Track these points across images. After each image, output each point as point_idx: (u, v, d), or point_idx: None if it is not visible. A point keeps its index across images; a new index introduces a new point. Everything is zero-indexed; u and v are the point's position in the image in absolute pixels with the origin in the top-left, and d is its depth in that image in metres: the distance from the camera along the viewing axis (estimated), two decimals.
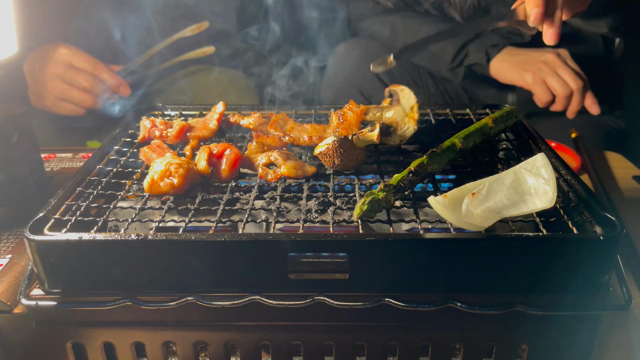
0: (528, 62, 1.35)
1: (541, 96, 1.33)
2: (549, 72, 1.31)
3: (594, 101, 1.31)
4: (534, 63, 1.33)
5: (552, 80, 1.30)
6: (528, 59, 1.35)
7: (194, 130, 0.83)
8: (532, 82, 1.32)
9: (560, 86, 1.29)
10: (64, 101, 1.29)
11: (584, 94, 1.30)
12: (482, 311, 0.57)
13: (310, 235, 0.57)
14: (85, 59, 1.27)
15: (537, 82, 1.32)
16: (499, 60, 1.39)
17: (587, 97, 1.31)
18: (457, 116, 0.92)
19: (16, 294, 0.62)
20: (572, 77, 1.29)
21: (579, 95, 1.30)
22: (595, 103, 1.31)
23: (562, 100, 1.31)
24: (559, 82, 1.30)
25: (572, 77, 1.29)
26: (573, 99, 1.31)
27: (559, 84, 1.30)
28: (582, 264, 0.56)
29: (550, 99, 1.32)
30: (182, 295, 0.58)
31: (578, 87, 1.29)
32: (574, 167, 1.12)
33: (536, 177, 0.60)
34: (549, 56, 1.33)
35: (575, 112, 1.33)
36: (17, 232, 0.75)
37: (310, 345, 0.62)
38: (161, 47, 1.32)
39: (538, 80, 1.32)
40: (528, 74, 1.33)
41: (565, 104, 1.32)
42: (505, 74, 1.38)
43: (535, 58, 1.34)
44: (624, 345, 0.71)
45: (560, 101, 1.31)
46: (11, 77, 0.73)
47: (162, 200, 0.68)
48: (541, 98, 1.33)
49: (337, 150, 0.69)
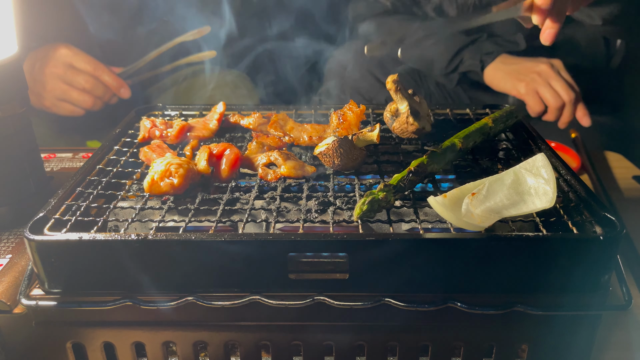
0: (522, 72, 1.35)
1: (533, 107, 1.33)
2: (541, 83, 1.31)
3: (585, 113, 1.31)
4: (528, 73, 1.34)
5: (545, 92, 1.31)
6: (522, 69, 1.36)
7: (194, 130, 0.83)
8: (524, 92, 1.33)
9: (552, 97, 1.30)
10: (63, 101, 1.29)
11: (575, 105, 1.31)
12: (482, 311, 0.57)
13: (311, 235, 0.57)
14: (86, 60, 1.27)
15: (530, 93, 1.32)
16: (493, 69, 1.39)
17: (579, 109, 1.31)
18: (457, 116, 0.92)
19: (16, 294, 0.62)
20: (564, 89, 1.30)
21: (570, 107, 1.30)
22: (587, 115, 1.31)
23: (554, 111, 1.31)
24: (551, 94, 1.30)
25: (564, 88, 1.30)
26: (565, 110, 1.31)
27: (552, 96, 1.30)
28: (582, 264, 0.56)
29: (543, 109, 1.33)
30: (182, 295, 0.58)
31: (570, 99, 1.29)
32: (574, 167, 1.12)
33: (536, 177, 0.60)
34: (542, 67, 1.33)
35: (567, 123, 1.33)
36: (17, 232, 0.75)
37: (310, 345, 0.62)
38: (162, 50, 1.33)
39: (531, 91, 1.32)
40: (521, 84, 1.33)
41: (557, 115, 1.32)
42: (498, 83, 1.39)
43: (529, 68, 1.35)
44: (624, 345, 0.71)
45: (552, 112, 1.32)
46: (11, 77, 0.73)
47: (162, 200, 0.68)
48: (533, 108, 1.33)
49: (337, 150, 0.69)
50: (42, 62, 1.26)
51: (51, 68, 1.25)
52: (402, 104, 0.77)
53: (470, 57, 1.41)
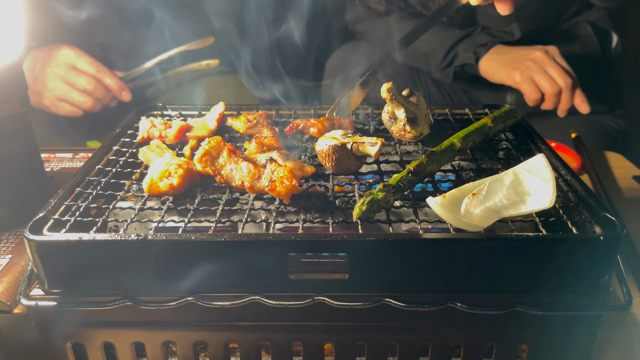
0: (516, 60, 1.33)
1: (529, 94, 1.31)
2: (537, 70, 1.29)
3: (583, 99, 1.29)
4: (522, 61, 1.32)
5: (540, 78, 1.29)
6: (516, 57, 1.34)
7: (193, 130, 0.83)
8: (520, 80, 1.31)
9: (548, 84, 1.28)
10: (63, 101, 1.29)
11: (573, 91, 1.29)
12: (482, 311, 0.57)
13: (311, 236, 0.57)
14: (88, 61, 1.27)
15: (525, 81, 1.30)
16: (487, 60, 1.38)
17: (577, 95, 1.29)
18: (457, 116, 0.92)
19: (16, 294, 0.62)
20: (560, 75, 1.28)
21: (568, 92, 1.28)
22: (585, 101, 1.29)
23: (551, 98, 1.29)
24: (547, 80, 1.28)
25: (560, 74, 1.28)
26: (562, 96, 1.29)
27: (547, 82, 1.28)
28: (582, 264, 0.56)
29: (539, 97, 1.31)
30: (182, 295, 0.58)
31: (567, 85, 1.27)
32: (574, 167, 1.12)
33: (535, 178, 0.60)
34: (537, 54, 1.32)
35: (566, 110, 1.31)
36: (17, 232, 0.75)
37: (310, 345, 0.62)
38: (165, 57, 1.34)
39: (526, 79, 1.30)
40: (516, 72, 1.31)
41: (554, 102, 1.30)
42: (494, 73, 1.37)
43: (524, 56, 1.33)
44: (624, 345, 0.71)
45: (549, 99, 1.30)
46: (11, 78, 0.73)
47: (162, 201, 0.68)
48: (530, 96, 1.32)
49: (331, 156, 0.70)
50: (44, 62, 1.26)
51: (53, 68, 1.26)
52: (399, 110, 0.77)
53: (464, 50, 1.40)
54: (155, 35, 1.19)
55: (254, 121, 0.85)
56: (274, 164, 0.66)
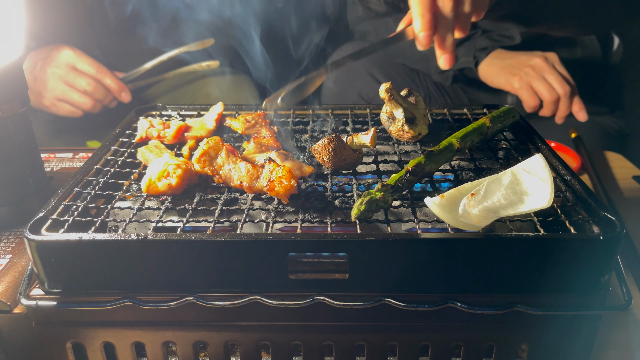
0: (515, 66, 1.33)
1: (528, 101, 1.31)
2: (535, 77, 1.29)
3: (581, 107, 1.29)
4: (521, 67, 1.32)
5: (539, 85, 1.28)
6: (515, 63, 1.34)
7: (191, 130, 0.83)
8: (518, 86, 1.31)
9: (547, 91, 1.28)
10: (62, 102, 1.29)
11: (571, 99, 1.29)
12: (482, 311, 0.57)
13: (311, 235, 0.57)
14: (89, 62, 1.28)
15: (524, 87, 1.30)
16: (487, 64, 1.38)
17: (575, 103, 1.29)
18: (455, 116, 0.92)
19: (16, 294, 0.62)
20: (559, 82, 1.28)
21: (566, 100, 1.28)
22: (583, 109, 1.29)
23: (550, 105, 1.29)
24: (545, 87, 1.28)
25: (559, 81, 1.28)
26: (560, 104, 1.29)
27: (546, 89, 1.28)
28: (582, 264, 0.56)
29: (537, 103, 1.31)
30: (182, 295, 0.58)
31: (565, 92, 1.27)
32: (573, 167, 1.12)
33: (534, 177, 0.60)
34: (536, 60, 1.31)
35: (564, 117, 1.31)
36: (17, 232, 0.75)
37: (310, 345, 0.62)
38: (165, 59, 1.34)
39: (525, 85, 1.30)
40: (515, 78, 1.31)
41: (552, 109, 1.30)
42: (493, 78, 1.37)
43: (523, 62, 1.33)
44: (624, 345, 0.71)
45: (547, 106, 1.30)
46: (11, 78, 0.73)
47: (160, 201, 0.68)
48: (528, 103, 1.31)
49: (327, 147, 0.69)
50: (44, 62, 1.26)
51: (53, 68, 1.26)
52: (398, 111, 0.77)
53: (464, 54, 1.40)
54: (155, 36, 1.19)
55: (253, 121, 0.85)
56: (272, 164, 0.66)
